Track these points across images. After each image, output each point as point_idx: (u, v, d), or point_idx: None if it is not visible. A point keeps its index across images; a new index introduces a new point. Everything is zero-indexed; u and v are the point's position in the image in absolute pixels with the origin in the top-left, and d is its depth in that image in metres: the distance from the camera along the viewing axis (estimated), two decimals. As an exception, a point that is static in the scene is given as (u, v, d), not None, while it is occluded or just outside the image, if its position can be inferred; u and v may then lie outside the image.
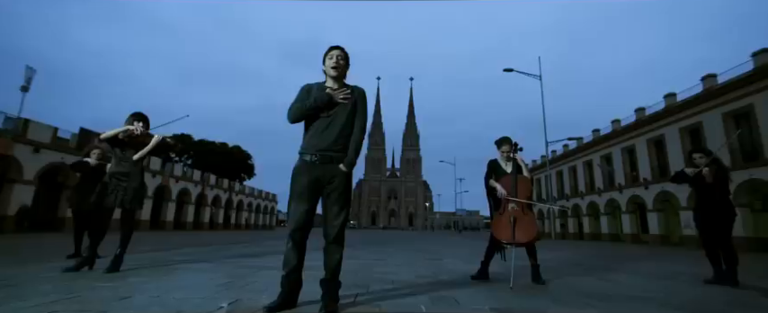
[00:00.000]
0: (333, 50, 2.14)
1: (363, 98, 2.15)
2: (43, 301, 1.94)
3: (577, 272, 4.28)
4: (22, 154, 16.58)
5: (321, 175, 1.97)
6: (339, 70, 2.11)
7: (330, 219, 2.00)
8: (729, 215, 3.76)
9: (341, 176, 1.98)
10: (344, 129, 2.04)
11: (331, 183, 1.98)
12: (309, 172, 1.98)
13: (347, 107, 2.07)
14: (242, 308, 1.93)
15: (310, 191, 1.97)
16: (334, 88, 2.09)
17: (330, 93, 2.04)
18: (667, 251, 13.13)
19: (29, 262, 3.92)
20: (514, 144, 3.53)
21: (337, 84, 2.13)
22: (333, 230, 1.98)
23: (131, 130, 3.29)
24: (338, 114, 2.05)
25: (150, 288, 2.45)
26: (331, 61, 2.11)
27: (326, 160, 1.98)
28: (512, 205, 3.21)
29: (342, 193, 1.99)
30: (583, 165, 32.98)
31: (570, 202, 34.30)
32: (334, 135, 2.01)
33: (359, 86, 2.19)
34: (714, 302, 2.63)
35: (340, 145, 2.01)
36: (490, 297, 2.51)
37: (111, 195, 3.26)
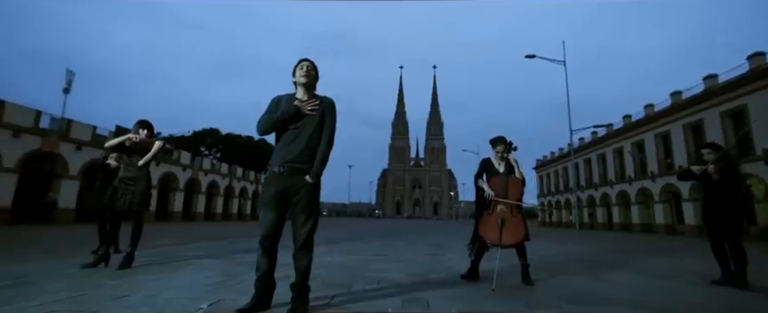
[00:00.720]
0: (303, 62, 2.22)
1: (331, 109, 2.21)
2: (48, 300, 2.18)
3: (577, 271, 4.21)
4: (67, 151, 17.90)
5: (288, 186, 2.07)
6: (309, 79, 2.18)
7: (297, 227, 2.10)
8: (739, 214, 3.56)
9: (307, 187, 2.07)
10: (311, 140, 2.11)
11: (297, 194, 2.07)
12: (277, 182, 2.08)
13: (315, 119, 2.14)
14: (221, 310, 2.08)
15: (278, 200, 2.07)
16: (303, 100, 2.16)
17: (297, 106, 2.11)
18: (700, 244, 12.41)
19: (58, 255, 4.32)
20: (509, 143, 3.49)
21: (307, 94, 2.20)
22: (300, 238, 2.09)
23: (131, 138, 3.53)
24: (306, 126, 2.12)
25: (150, 286, 2.68)
26: (301, 71, 2.18)
27: (293, 171, 2.07)
28: (501, 207, 3.20)
29: (308, 203, 2.08)
30: (612, 153, 31.55)
31: (599, 191, 33.04)
32: (300, 147, 2.09)
33: (328, 97, 2.25)
34: (706, 308, 2.53)
35: (306, 156, 2.10)
36: (466, 299, 2.55)
37: (120, 199, 3.54)
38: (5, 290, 2.51)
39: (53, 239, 7.46)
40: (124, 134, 3.33)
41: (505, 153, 3.43)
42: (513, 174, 3.35)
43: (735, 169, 3.74)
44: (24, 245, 6.21)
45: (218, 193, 30.30)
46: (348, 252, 5.72)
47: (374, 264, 4.28)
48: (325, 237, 9.30)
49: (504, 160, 3.44)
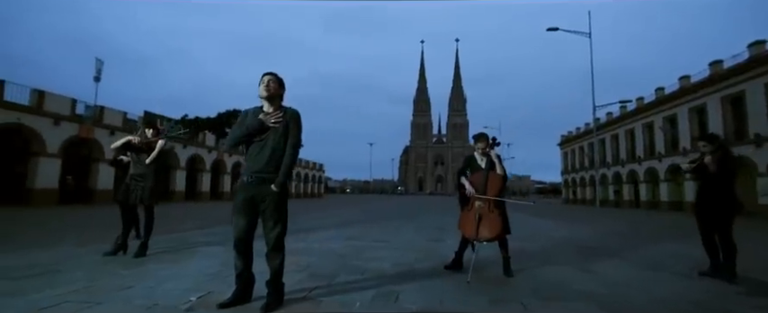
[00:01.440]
0: (265, 76, 2.35)
1: (295, 120, 2.35)
2: (67, 290, 2.54)
3: (567, 259, 4.28)
4: (102, 137, 19.11)
5: (256, 195, 2.26)
6: (269, 93, 2.32)
7: (267, 231, 2.30)
8: (732, 207, 3.49)
9: (272, 195, 2.25)
10: (276, 152, 2.27)
11: (264, 202, 2.26)
12: (246, 191, 2.27)
13: (279, 130, 2.29)
14: (208, 302, 2.36)
15: (247, 207, 2.27)
16: (268, 112, 2.31)
17: (261, 120, 2.27)
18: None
19: (87, 241, 4.82)
20: (492, 139, 3.54)
21: (272, 107, 2.35)
22: (270, 241, 2.30)
23: (131, 140, 3.84)
24: (270, 138, 2.28)
25: (154, 276, 3.02)
26: (262, 86, 2.32)
27: (260, 181, 2.25)
28: (479, 203, 3.29)
29: (275, 210, 2.27)
30: (642, 128, 30.06)
31: (626, 168, 31.87)
32: (265, 158, 2.26)
33: (292, 109, 2.39)
34: (675, 304, 2.59)
35: (272, 167, 2.26)
36: (437, 293, 2.72)
37: (132, 194, 3.89)
38: (39, 277, 2.91)
39: (89, 219, 8.22)
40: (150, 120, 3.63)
41: (487, 149, 3.47)
42: (493, 171, 3.41)
43: (731, 161, 3.63)
44: (64, 227, 6.89)
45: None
46: (351, 237, 6.00)
47: (368, 252, 4.52)
48: (340, 220, 9.70)
49: (486, 156, 3.50)
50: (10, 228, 6.98)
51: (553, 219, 12.45)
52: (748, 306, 2.64)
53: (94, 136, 18.70)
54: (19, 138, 16.23)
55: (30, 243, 4.88)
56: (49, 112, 16.61)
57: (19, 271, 3.13)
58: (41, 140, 16.33)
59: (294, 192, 42.05)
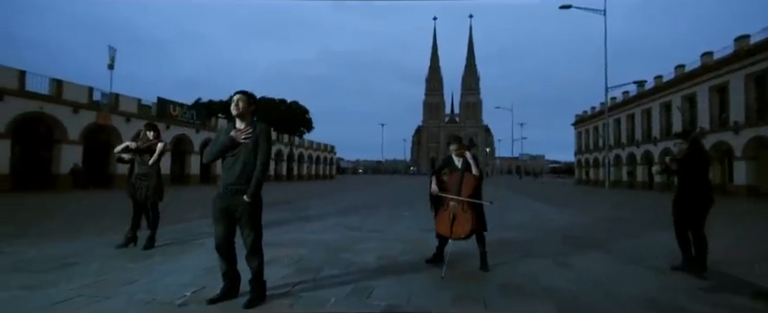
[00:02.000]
0: (235, 95, 2.55)
1: (264, 135, 2.55)
2: (80, 284, 2.88)
3: (549, 251, 4.44)
4: (118, 123, 19.80)
5: (230, 205, 2.49)
6: (239, 111, 2.51)
7: (243, 237, 2.55)
8: (705, 201, 3.58)
9: (245, 205, 2.47)
10: (247, 165, 2.48)
11: (237, 211, 2.49)
12: (222, 201, 2.51)
13: (249, 146, 2.49)
14: (200, 297, 2.65)
15: (223, 216, 2.51)
16: (239, 129, 2.51)
17: (232, 137, 2.47)
18: (747, 206, 11.66)
19: (105, 231, 5.24)
20: (470, 141, 3.68)
21: (243, 123, 2.54)
22: (247, 246, 2.54)
23: (127, 145, 4.13)
24: (242, 153, 2.49)
25: (159, 270, 3.36)
26: (232, 105, 2.52)
27: (233, 192, 2.48)
28: (453, 203, 3.47)
29: (248, 219, 2.50)
30: (659, 107, 29.11)
31: (641, 149, 31.15)
32: (237, 172, 2.48)
33: (262, 124, 2.58)
34: (634, 301, 2.76)
35: (243, 179, 2.48)
36: (408, 288, 2.96)
37: (138, 192, 4.22)
38: (57, 270, 3.28)
39: (108, 204, 8.76)
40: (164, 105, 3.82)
41: (462, 151, 3.61)
42: (468, 172, 3.56)
43: (702, 156, 3.69)
44: (85, 213, 7.40)
45: (256, 156, 32.34)
46: (348, 226, 6.28)
47: (360, 244, 4.78)
48: (342, 206, 10.02)
49: (461, 157, 3.64)
50: (37, 214, 7.55)
51: (556, 203, 12.50)
52: (705, 303, 2.79)
53: (112, 123, 19.41)
54: (42, 125, 17.02)
55: (53, 231, 5.33)
56: (67, 101, 17.27)
57: (40, 263, 3.51)
58: (63, 128, 17.08)
59: (306, 174, 42.88)
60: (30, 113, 15.79)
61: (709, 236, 3.57)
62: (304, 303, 2.60)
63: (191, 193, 14.88)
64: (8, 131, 14.96)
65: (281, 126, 47.51)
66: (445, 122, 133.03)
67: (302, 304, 2.58)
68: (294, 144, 39.60)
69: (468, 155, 3.62)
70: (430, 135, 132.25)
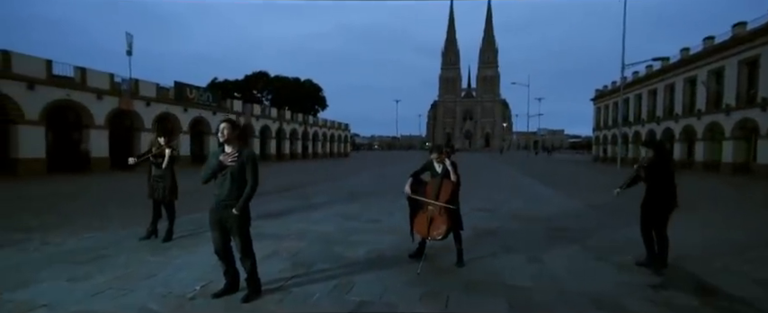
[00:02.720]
0: (221, 124, 2.93)
1: (250, 159, 2.94)
2: (110, 277, 3.46)
3: (528, 245, 4.78)
4: (139, 108, 20.71)
5: (222, 217, 2.93)
6: (225, 138, 2.90)
7: (235, 244, 3.01)
8: (669, 205, 3.84)
9: (234, 218, 2.90)
10: (234, 184, 2.89)
11: (228, 222, 2.94)
12: (215, 213, 2.95)
13: (236, 167, 2.89)
14: (207, 291, 3.18)
15: (218, 225, 2.96)
16: (227, 153, 2.91)
17: (220, 161, 2.88)
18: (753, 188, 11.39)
19: (130, 222, 5.89)
20: (448, 149, 3.98)
21: (230, 147, 2.94)
22: (239, 251, 3.01)
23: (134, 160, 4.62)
24: (229, 173, 2.90)
25: (174, 264, 3.92)
26: (219, 134, 2.90)
27: (224, 206, 2.91)
28: (430, 207, 3.83)
29: (238, 229, 2.93)
30: (683, 83, 27.84)
31: (662, 126, 30.17)
32: (227, 189, 2.90)
33: (248, 150, 2.98)
34: (581, 297, 3.12)
35: (233, 196, 2.90)
36: (386, 284, 3.40)
37: (155, 192, 4.77)
38: (93, 262, 3.89)
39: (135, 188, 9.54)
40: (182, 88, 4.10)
41: (442, 158, 3.92)
42: (447, 178, 3.89)
43: (667, 163, 3.89)
44: (114, 200, 8.17)
45: (271, 136, 33.17)
46: (349, 216, 6.76)
47: (355, 236, 5.25)
48: (348, 192, 10.52)
49: (442, 164, 3.95)
50: (73, 202, 8.39)
51: (560, 186, 12.61)
52: (647, 300, 3.13)
53: (134, 107, 20.32)
54: (71, 112, 18.06)
55: (89, 222, 6.03)
56: (92, 88, 18.15)
57: (80, 254, 4.15)
58: (89, 113, 18.08)
59: (321, 153, 43.73)
60: (59, 101, 16.76)
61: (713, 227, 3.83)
62: (292, 298, 3.09)
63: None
64: (41, 118, 16.01)
65: (295, 105, 48.08)
66: (461, 97, 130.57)
67: (291, 299, 3.07)
68: (308, 123, 40.21)
69: (447, 162, 3.93)
70: (446, 110, 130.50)
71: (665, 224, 3.91)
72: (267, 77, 51.79)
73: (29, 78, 15.38)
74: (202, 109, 25.03)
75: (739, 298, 3.22)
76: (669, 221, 3.92)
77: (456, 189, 3.91)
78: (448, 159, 3.94)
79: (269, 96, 51.75)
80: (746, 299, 3.20)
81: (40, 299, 2.94)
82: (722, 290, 3.40)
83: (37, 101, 15.76)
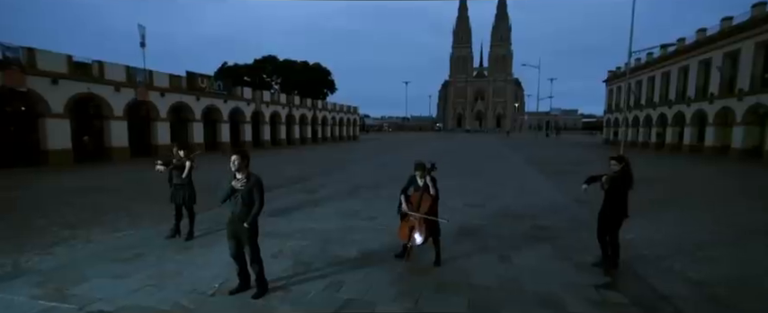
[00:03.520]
0: (232, 156, 3.56)
1: (257, 184, 3.59)
2: (146, 274, 4.23)
3: (504, 244, 5.38)
4: (155, 99, 21.59)
5: (235, 229, 3.62)
6: (235, 167, 3.54)
7: (246, 252, 3.71)
8: (622, 215, 4.39)
9: (245, 230, 3.59)
10: (244, 201, 3.56)
11: (240, 234, 3.62)
12: (230, 225, 3.64)
13: (245, 190, 3.55)
14: (224, 289, 3.92)
15: (233, 236, 3.65)
16: (238, 179, 3.56)
17: (232, 186, 3.54)
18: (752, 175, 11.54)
19: (160, 220, 6.71)
20: (430, 167, 4.56)
21: (241, 174, 3.59)
22: (248, 258, 3.71)
23: (160, 170, 5.31)
24: (241, 195, 3.56)
25: (195, 262, 4.68)
26: (231, 164, 3.54)
27: (237, 220, 3.60)
28: (412, 217, 4.46)
29: (248, 239, 3.62)
30: (697, 65, 27.19)
31: (673, 109, 29.73)
32: (239, 208, 3.57)
33: (255, 175, 3.63)
34: (525, 295, 3.75)
35: (244, 212, 3.57)
36: (371, 283, 4.08)
37: (176, 197, 5.51)
38: (133, 261, 4.68)
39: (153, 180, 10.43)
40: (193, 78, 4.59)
41: (424, 174, 4.50)
42: (427, 192, 4.48)
43: (629, 179, 4.40)
44: (144, 193, 9.04)
45: (281, 122, 33.97)
46: (349, 213, 7.44)
47: (352, 234, 5.94)
48: (352, 184, 11.20)
49: (423, 178, 4.54)
50: (103, 197, 9.31)
51: (556, 176, 13.01)
52: (587, 299, 3.74)
53: (149, 98, 21.20)
54: (92, 104, 19.05)
55: (120, 219, 6.88)
56: (110, 81, 19.02)
57: (120, 252, 4.96)
58: (109, 105, 19.04)
59: (330, 137, 44.45)
60: (81, 94, 17.70)
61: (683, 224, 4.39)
62: (292, 296, 3.80)
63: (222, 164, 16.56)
64: (66, 111, 17.01)
65: (304, 89, 48.53)
66: (473, 77, 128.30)
67: (291, 297, 3.78)
68: (317, 108, 40.76)
69: (427, 178, 4.52)
70: (457, 90, 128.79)
71: (618, 231, 4.47)
72: (276, 61, 52.11)
73: (52, 73, 16.27)
74: (214, 98, 25.80)
75: (665, 296, 3.81)
76: (621, 228, 4.47)
77: (434, 202, 4.51)
78: (428, 176, 4.52)
79: (278, 80, 52.25)
80: (670, 297, 3.79)
81: (96, 294, 3.73)
82: (655, 289, 3.99)
83: (61, 95, 16.70)
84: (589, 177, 4.67)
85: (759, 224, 7.00)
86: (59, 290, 3.83)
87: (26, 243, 5.39)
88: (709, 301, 3.79)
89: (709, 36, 26.22)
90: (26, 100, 16.09)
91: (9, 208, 7.93)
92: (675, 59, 29.86)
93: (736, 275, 4.47)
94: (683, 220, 7.25)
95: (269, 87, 50.28)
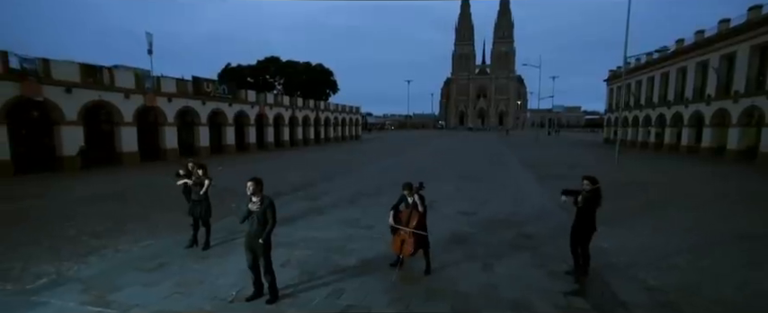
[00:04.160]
0: (248, 183, 4.16)
1: (271, 209, 4.20)
2: (172, 282, 4.85)
3: (490, 252, 5.95)
4: (163, 104, 22.26)
5: (252, 244, 4.23)
6: (251, 192, 4.15)
7: (260, 264, 4.32)
8: (591, 230, 4.97)
9: (260, 246, 4.20)
10: (259, 220, 4.16)
11: (256, 249, 4.23)
12: (247, 240, 4.25)
13: (260, 211, 4.16)
14: (241, 296, 4.53)
15: (249, 250, 4.27)
16: (254, 201, 4.17)
17: (248, 208, 4.15)
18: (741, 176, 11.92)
19: (178, 229, 7.34)
20: (418, 186, 5.13)
21: (256, 197, 4.19)
22: (262, 270, 4.32)
23: (186, 182, 5.93)
24: (256, 216, 4.17)
25: (212, 272, 5.30)
26: (248, 190, 4.15)
27: (253, 237, 4.21)
28: (401, 231, 5.05)
29: (262, 253, 4.22)
30: (695, 67, 27.51)
31: (672, 110, 30.06)
32: (255, 225, 4.18)
33: (268, 197, 4.23)
34: (494, 303, 4.33)
35: (260, 230, 4.18)
36: (368, 291, 4.68)
37: (194, 211, 6.13)
38: (158, 270, 5.31)
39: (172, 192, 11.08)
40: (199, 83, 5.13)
41: (412, 193, 5.08)
42: (415, 209, 5.07)
43: (598, 198, 4.97)
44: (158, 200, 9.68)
45: (284, 123, 34.61)
46: (349, 222, 8.01)
47: (352, 243, 6.54)
48: (354, 191, 11.79)
49: (412, 197, 5.13)
50: (120, 206, 9.98)
51: (549, 180, 13.51)
52: (554, 305, 4.32)
53: (157, 104, 21.87)
54: (103, 111, 19.75)
55: (140, 228, 7.53)
56: (119, 88, 19.69)
57: (146, 261, 5.59)
58: (119, 112, 19.73)
59: (333, 137, 45.06)
60: (93, 101, 18.39)
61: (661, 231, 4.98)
62: (300, 302, 4.42)
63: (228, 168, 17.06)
64: (79, 118, 17.72)
65: (307, 89, 49.13)
66: (475, 74, 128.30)
67: (298, 303, 4.40)
68: (319, 109, 41.36)
69: (416, 196, 5.10)
70: (459, 88, 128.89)
71: (588, 243, 5.04)
72: (279, 62, 52.71)
73: (66, 82, 16.97)
74: (219, 101, 26.46)
75: (623, 302, 4.39)
76: (591, 241, 5.04)
77: (422, 218, 5.10)
78: (416, 194, 5.11)
79: (281, 81, 52.88)
80: (628, 303, 4.37)
81: (132, 300, 4.37)
82: (616, 295, 4.57)
83: (74, 102, 17.40)
84: (564, 190, 5.23)
85: (732, 230, 7.53)
86: (101, 296, 4.47)
87: (63, 251, 6.05)
88: (661, 307, 4.36)
89: (706, 38, 26.52)
90: (42, 108, 16.80)
91: (40, 215, 8.62)
92: (674, 60, 30.15)
93: (693, 282, 5.04)
94: (662, 226, 7.80)
95: (272, 88, 50.94)
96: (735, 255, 6.11)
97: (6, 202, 10.03)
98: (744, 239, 6.99)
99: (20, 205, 9.72)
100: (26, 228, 7.59)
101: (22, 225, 7.81)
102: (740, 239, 6.99)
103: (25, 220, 8.20)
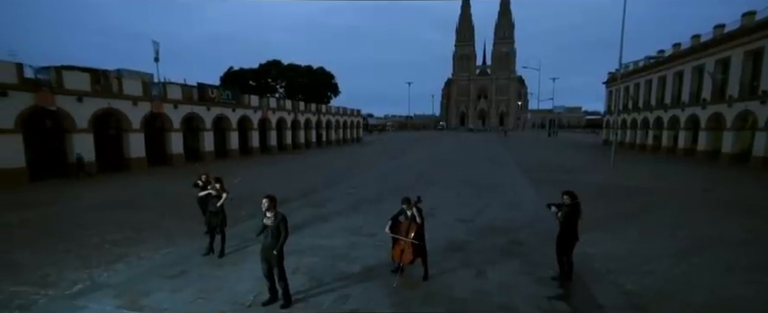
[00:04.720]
0: (263, 199, 4.67)
1: (283, 223, 4.71)
2: (195, 288, 5.36)
3: (484, 258, 6.44)
4: (169, 111, 22.81)
5: (267, 255, 4.74)
6: (266, 207, 4.66)
7: (274, 272, 4.83)
8: (573, 239, 5.46)
9: (274, 256, 4.71)
10: (273, 234, 4.67)
11: (270, 259, 4.74)
12: (263, 251, 4.76)
13: (274, 225, 4.68)
14: (258, 301, 5.04)
15: (264, 260, 4.77)
16: (268, 216, 4.69)
17: (265, 223, 4.67)
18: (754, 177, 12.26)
19: (194, 236, 7.85)
20: (416, 200, 5.63)
21: (270, 213, 4.71)
22: (277, 278, 4.83)
23: (210, 192, 6.45)
24: (270, 228, 4.68)
25: (229, 278, 5.81)
26: (263, 207, 4.66)
27: (268, 248, 4.72)
28: (400, 241, 5.56)
29: (276, 263, 4.73)
30: (692, 71, 27.95)
31: (669, 113, 30.49)
32: (270, 238, 4.70)
33: (281, 213, 4.75)
34: (481, 307, 4.83)
35: (274, 242, 4.69)
36: (371, 296, 5.18)
37: (212, 221, 6.65)
38: (181, 277, 5.83)
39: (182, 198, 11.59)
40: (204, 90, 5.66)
41: (411, 206, 5.58)
42: (414, 222, 5.57)
43: (578, 213, 5.47)
44: (172, 209, 10.20)
45: (286, 127, 35.18)
46: (352, 230, 8.48)
47: (355, 251, 7.04)
48: (356, 198, 12.29)
49: (410, 209, 5.63)
50: (137, 213, 10.50)
51: (545, 185, 13.96)
52: (539, 308, 4.82)
53: (164, 110, 22.43)
54: (112, 118, 20.32)
55: (157, 236, 8.04)
56: (127, 95, 20.26)
57: (169, 268, 6.11)
58: (127, 119, 20.29)
59: (334, 140, 45.59)
60: (102, 109, 18.95)
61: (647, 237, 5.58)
62: (311, 307, 4.93)
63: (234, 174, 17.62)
64: (90, 126, 18.28)
65: (308, 94, 49.70)
66: (476, 74, 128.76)
67: (309, 308, 4.91)
68: (321, 112, 41.90)
69: (414, 209, 5.61)
70: (459, 88, 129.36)
71: (572, 251, 5.54)
72: (280, 65, 53.30)
73: (78, 92, 17.53)
74: (223, 107, 27.01)
75: (601, 306, 4.88)
76: (574, 249, 5.54)
77: (420, 229, 5.60)
78: (415, 207, 5.61)
79: (282, 84, 53.47)
80: (605, 306, 4.86)
81: (162, 305, 4.89)
82: (595, 299, 5.06)
83: (85, 111, 17.96)
84: (549, 204, 5.73)
85: (720, 234, 7.99)
86: (134, 301, 4.99)
87: (92, 259, 6.58)
88: (634, 309, 4.86)
89: (702, 42, 26.95)
90: (55, 117, 17.36)
91: (60, 223, 9.15)
92: (671, 64, 30.57)
93: (668, 287, 5.52)
94: (648, 232, 8.27)
95: (274, 91, 51.53)
96: (716, 261, 6.56)
97: (27, 210, 10.57)
98: (729, 244, 7.44)
99: (39, 213, 10.25)
100: (50, 235, 8.12)
101: (45, 232, 8.34)
102: (725, 244, 7.44)
103: (46, 228, 8.74)
